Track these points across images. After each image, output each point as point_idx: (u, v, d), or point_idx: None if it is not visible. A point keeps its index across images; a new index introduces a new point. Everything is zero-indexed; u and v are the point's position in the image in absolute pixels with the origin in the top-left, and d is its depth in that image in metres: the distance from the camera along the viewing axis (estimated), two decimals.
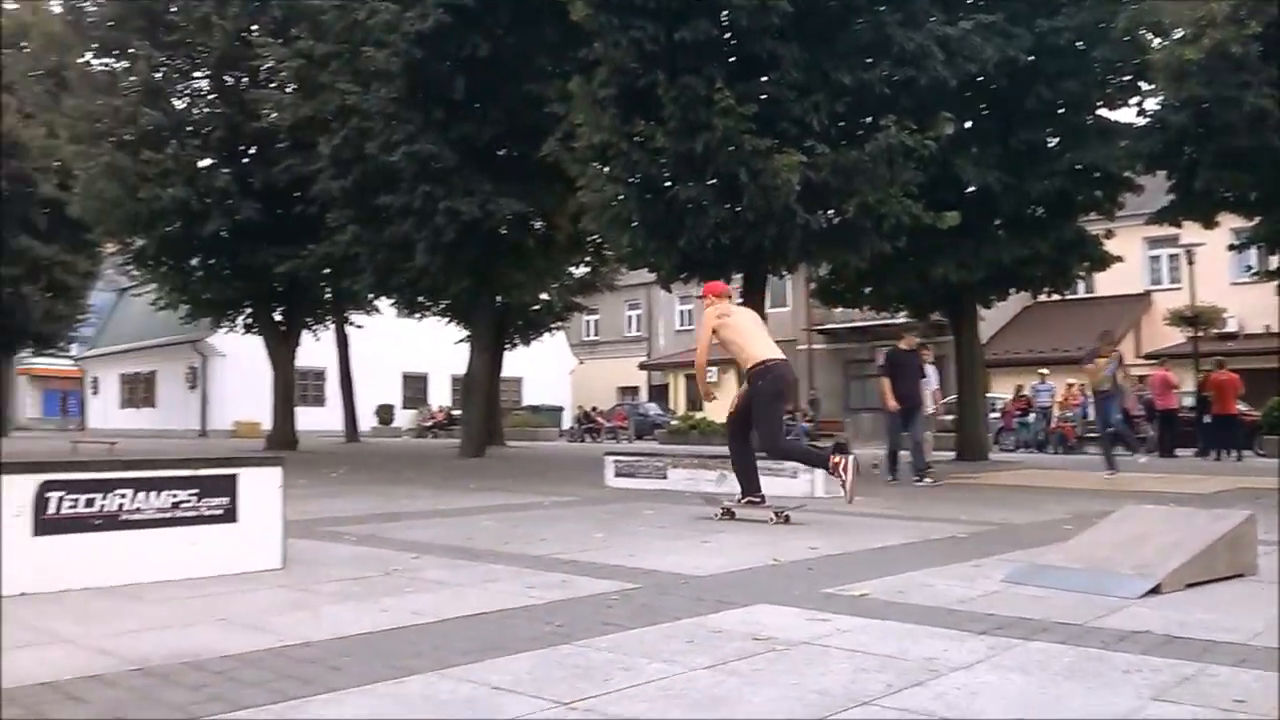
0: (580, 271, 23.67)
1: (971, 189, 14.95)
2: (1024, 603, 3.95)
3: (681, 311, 42.73)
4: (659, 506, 8.30)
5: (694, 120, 11.76)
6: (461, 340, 22.95)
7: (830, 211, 12.85)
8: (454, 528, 6.75)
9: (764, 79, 12.49)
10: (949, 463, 15.45)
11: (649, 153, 12.31)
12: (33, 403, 54.68)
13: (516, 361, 28.82)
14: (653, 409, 38.37)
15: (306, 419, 24.23)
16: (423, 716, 2.47)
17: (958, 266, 14.87)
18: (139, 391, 42.46)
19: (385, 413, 37.79)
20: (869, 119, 12.71)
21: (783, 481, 8.83)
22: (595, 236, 17.91)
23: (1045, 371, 25.12)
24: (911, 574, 4.68)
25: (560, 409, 39.09)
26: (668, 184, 12.86)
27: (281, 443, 20.91)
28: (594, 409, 36.82)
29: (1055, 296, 19.44)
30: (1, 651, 2.59)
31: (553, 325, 28.16)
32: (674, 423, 33.19)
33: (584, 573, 4.73)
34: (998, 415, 24.41)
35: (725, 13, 12.09)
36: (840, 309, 23.94)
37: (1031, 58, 14.32)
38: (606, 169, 12.96)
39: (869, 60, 12.44)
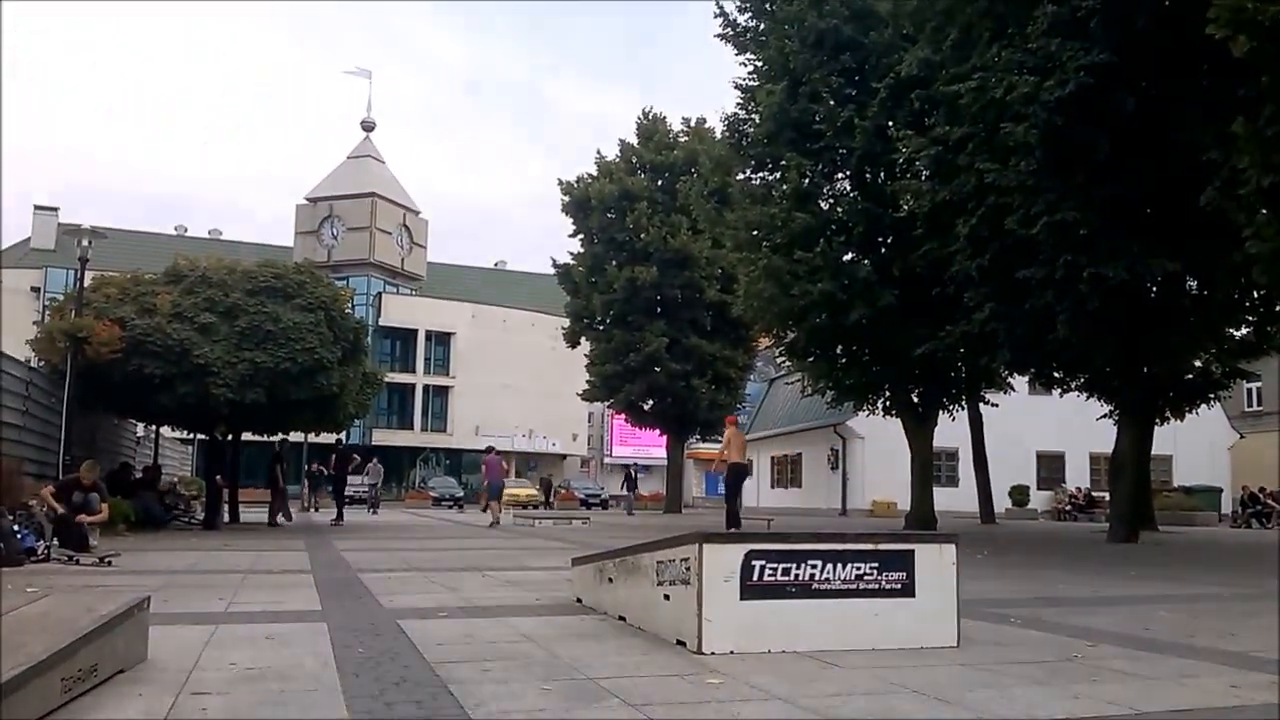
0: (1242, 332, 20.77)
1: None
2: None
3: None
4: None
5: None
6: (1103, 416, 21.47)
7: None
8: (1126, 616, 6.41)
9: None
10: None
11: None
12: (696, 483, 62.27)
13: (1164, 438, 26.09)
14: None
15: (940, 499, 24.34)
16: None
17: None
18: (786, 472, 46.31)
19: (1019, 493, 36.59)
20: None
21: None
22: (1264, 291, 15.75)
23: None
24: None
25: (1219, 490, 34.63)
26: None
27: (920, 522, 21.23)
28: (1262, 489, 32.08)
29: None
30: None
31: (1211, 395, 25.04)
32: None
33: None
34: None
35: None
36: None
37: None
38: None
39: None
